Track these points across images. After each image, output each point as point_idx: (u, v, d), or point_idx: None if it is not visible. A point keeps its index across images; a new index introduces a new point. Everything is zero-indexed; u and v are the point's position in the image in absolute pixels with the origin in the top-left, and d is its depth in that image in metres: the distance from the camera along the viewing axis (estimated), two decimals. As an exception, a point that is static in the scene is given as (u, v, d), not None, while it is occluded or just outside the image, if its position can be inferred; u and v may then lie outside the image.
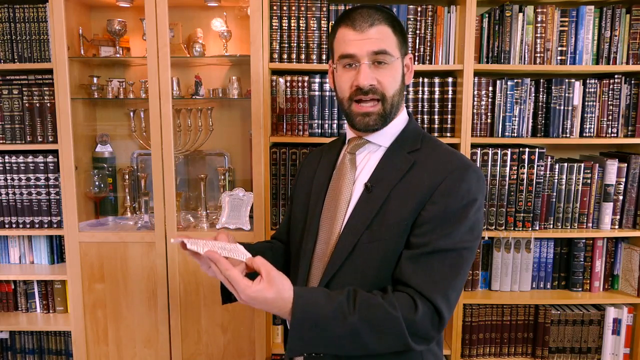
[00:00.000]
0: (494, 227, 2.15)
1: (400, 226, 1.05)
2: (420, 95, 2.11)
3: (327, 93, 2.11)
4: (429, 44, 2.09)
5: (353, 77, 1.10)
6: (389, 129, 1.16)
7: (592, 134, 2.14)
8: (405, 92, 1.17)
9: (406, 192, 1.07)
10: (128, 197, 2.33)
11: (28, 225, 2.20)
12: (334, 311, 0.96)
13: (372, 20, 1.08)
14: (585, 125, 2.14)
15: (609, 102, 2.13)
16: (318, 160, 1.29)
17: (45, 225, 2.20)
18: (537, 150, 2.10)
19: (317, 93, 2.11)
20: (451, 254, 1.03)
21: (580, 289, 2.22)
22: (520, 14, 2.06)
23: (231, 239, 1.11)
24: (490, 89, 2.11)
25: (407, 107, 2.12)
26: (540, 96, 2.12)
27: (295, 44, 2.07)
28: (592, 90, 2.12)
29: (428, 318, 1.00)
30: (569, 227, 2.17)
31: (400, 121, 1.18)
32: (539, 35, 2.07)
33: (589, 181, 2.14)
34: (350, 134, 1.21)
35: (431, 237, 1.03)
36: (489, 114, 2.12)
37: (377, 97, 1.10)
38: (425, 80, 2.11)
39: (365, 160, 1.17)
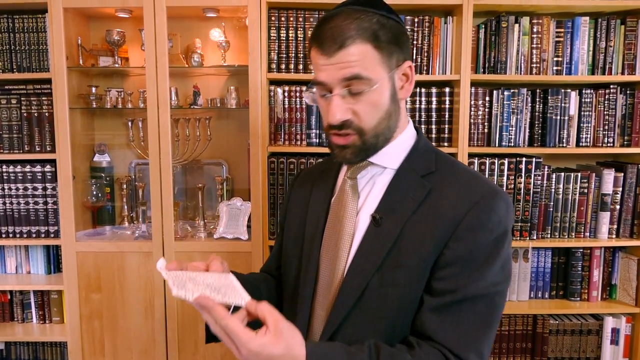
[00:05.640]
0: (491, 236, 2.15)
1: (418, 268, 0.89)
2: (417, 105, 2.13)
3: (325, 103, 2.12)
4: (426, 54, 2.10)
5: (328, 108, 0.92)
6: (393, 148, 0.97)
7: (588, 144, 2.15)
8: (400, 107, 0.97)
9: (424, 226, 0.90)
10: (126, 207, 2.33)
11: (25, 235, 2.19)
12: None
13: (342, 39, 0.87)
14: (581, 135, 2.15)
15: (605, 112, 2.14)
16: (311, 183, 1.10)
17: (42, 235, 2.19)
18: (534, 159, 2.11)
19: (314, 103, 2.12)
20: (482, 301, 0.88)
21: (578, 299, 2.21)
22: (516, 25, 2.08)
23: (225, 266, 0.94)
24: (487, 99, 2.12)
25: (405, 116, 2.13)
26: (537, 106, 2.14)
27: (293, 54, 2.09)
28: (588, 100, 2.13)
29: None
30: (566, 237, 2.17)
31: (406, 138, 0.99)
32: (535, 45, 2.09)
33: (585, 190, 2.15)
34: None
35: (458, 282, 0.87)
36: (486, 123, 2.13)
37: (353, 132, 0.92)
38: (423, 90, 2.12)
39: (369, 186, 0.99)
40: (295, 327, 0.80)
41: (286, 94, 2.11)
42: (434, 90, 2.12)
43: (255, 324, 0.79)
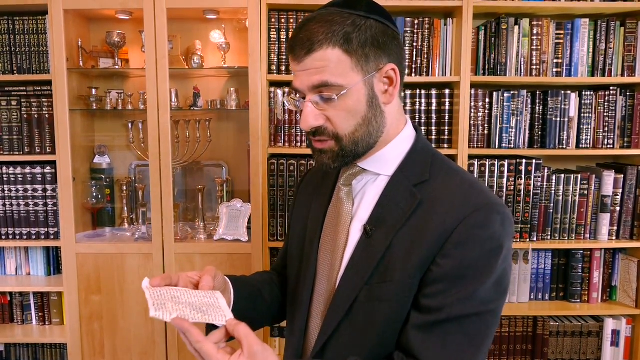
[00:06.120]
0: (491, 238, 2.15)
1: (404, 284, 0.86)
2: (417, 107, 2.13)
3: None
4: (426, 56, 2.11)
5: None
6: (388, 152, 0.94)
7: (588, 145, 2.16)
8: (383, 112, 0.91)
9: (412, 240, 0.86)
10: (126, 208, 2.33)
11: (25, 237, 2.19)
12: None
13: (310, 44, 0.84)
14: (581, 137, 2.15)
15: (605, 114, 2.14)
16: (314, 186, 1.09)
17: (42, 237, 2.19)
18: (534, 161, 2.11)
19: (315, 104, 2.12)
20: (471, 321, 0.83)
21: (578, 300, 2.21)
22: (516, 27, 2.08)
23: (219, 279, 0.93)
24: (487, 100, 2.12)
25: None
26: (537, 108, 2.14)
27: (293, 56, 2.08)
28: (588, 102, 2.14)
29: None
30: (566, 238, 2.17)
31: (403, 140, 0.95)
32: (534, 47, 2.09)
33: (585, 192, 2.15)
34: None
35: (445, 300, 0.83)
36: (485, 125, 2.13)
37: (329, 138, 0.90)
38: (423, 91, 2.12)
39: (362, 194, 0.96)
40: (270, 349, 0.79)
41: (286, 95, 2.11)
42: (433, 91, 2.12)
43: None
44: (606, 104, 2.14)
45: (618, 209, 2.16)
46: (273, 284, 1.15)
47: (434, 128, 2.13)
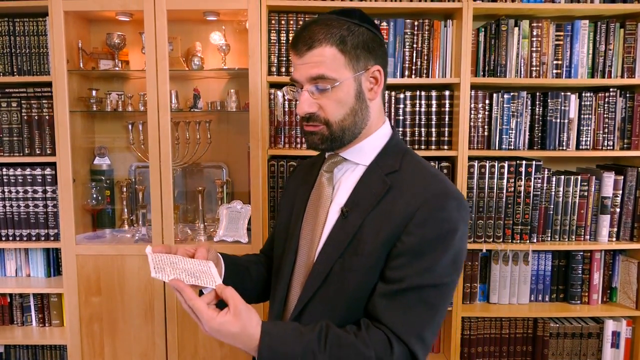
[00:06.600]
0: (491, 239, 2.15)
1: (372, 257, 0.99)
2: (417, 108, 2.13)
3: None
4: (425, 57, 2.11)
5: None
6: (367, 144, 1.08)
7: (588, 147, 2.16)
8: (368, 107, 1.06)
9: (380, 220, 1.00)
10: (126, 210, 2.33)
11: (25, 238, 2.19)
12: (303, 351, 0.93)
13: (311, 41, 0.99)
14: (581, 138, 2.15)
15: (605, 115, 2.14)
16: (302, 175, 1.23)
17: (42, 238, 2.19)
18: (533, 162, 2.11)
19: (315, 106, 2.12)
20: (428, 291, 0.97)
21: (578, 302, 2.21)
22: (516, 28, 2.08)
23: (212, 253, 1.08)
24: (487, 102, 2.12)
25: (404, 120, 2.13)
26: (537, 109, 2.14)
27: (293, 58, 2.09)
28: (588, 103, 2.14)
29: (404, 359, 0.96)
30: (566, 240, 2.17)
31: (380, 136, 1.09)
32: (534, 49, 2.10)
33: (585, 193, 2.15)
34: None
35: (406, 272, 0.96)
36: (485, 126, 2.13)
37: (320, 124, 1.04)
38: (423, 93, 2.12)
39: (343, 180, 1.10)
40: (253, 310, 0.93)
41: (286, 96, 2.11)
42: (433, 93, 2.12)
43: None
44: (606, 105, 2.14)
45: (618, 210, 2.16)
46: (260, 264, 1.29)
47: (433, 129, 2.14)
